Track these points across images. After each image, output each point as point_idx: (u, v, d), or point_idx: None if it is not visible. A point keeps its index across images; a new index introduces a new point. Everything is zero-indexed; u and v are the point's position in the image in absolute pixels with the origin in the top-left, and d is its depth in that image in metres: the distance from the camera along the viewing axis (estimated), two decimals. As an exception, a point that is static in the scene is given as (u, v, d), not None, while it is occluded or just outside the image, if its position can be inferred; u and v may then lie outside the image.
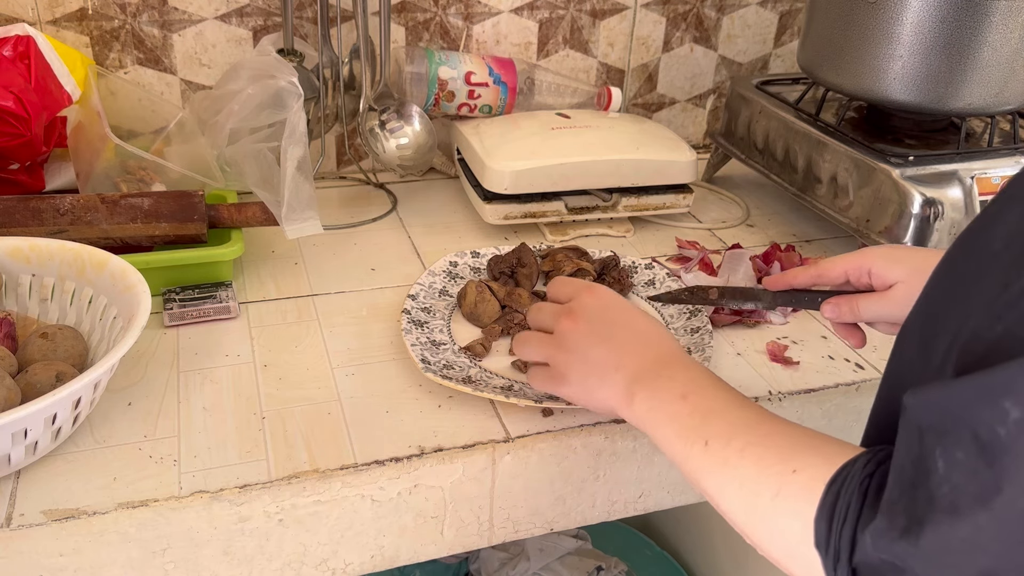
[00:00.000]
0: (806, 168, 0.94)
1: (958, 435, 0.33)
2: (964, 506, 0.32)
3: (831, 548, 0.39)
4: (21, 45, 0.81)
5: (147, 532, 0.56)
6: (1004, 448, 0.31)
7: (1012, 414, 0.31)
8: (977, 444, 0.32)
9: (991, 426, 0.31)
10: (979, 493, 0.32)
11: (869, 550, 0.37)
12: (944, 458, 0.33)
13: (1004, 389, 0.31)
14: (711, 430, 0.49)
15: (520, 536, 0.68)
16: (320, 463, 0.60)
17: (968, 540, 0.32)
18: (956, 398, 0.33)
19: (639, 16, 1.12)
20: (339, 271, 0.85)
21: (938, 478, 0.33)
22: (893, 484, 0.36)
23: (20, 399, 0.56)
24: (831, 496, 0.40)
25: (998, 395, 0.31)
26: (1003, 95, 0.84)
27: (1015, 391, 0.31)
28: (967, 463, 0.32)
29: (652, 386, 0.54)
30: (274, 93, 0.82)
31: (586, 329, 0.58)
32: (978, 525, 0.32)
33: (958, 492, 0.33)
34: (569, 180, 0.92)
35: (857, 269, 0.64)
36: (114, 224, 0.76)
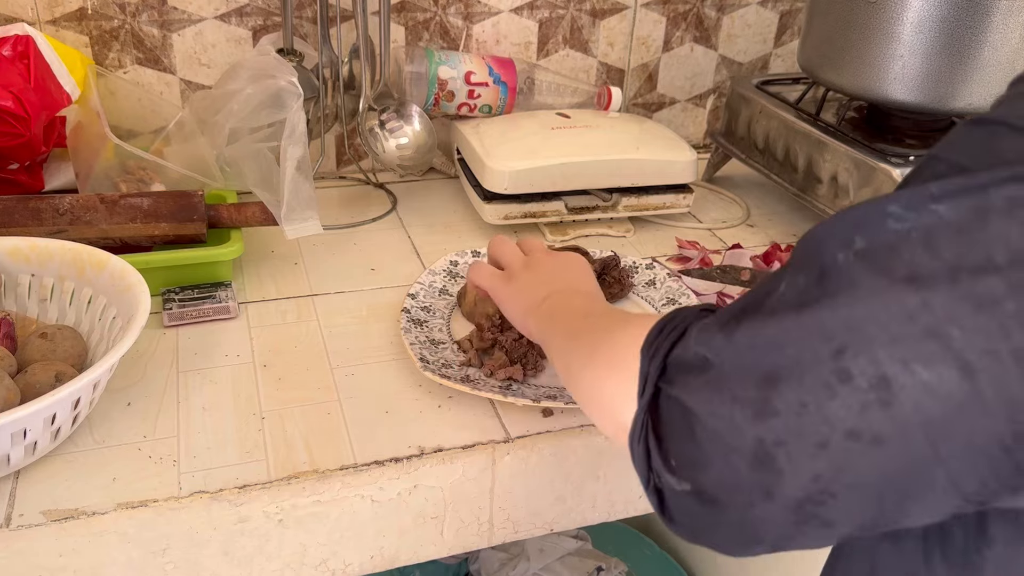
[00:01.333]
0: (806, 168, 0.94)
1: (809, 263, 0.35)
2: (780, 311, 0.35)
3: (653, 346, 0.42)
4: (20, 45, 0.81)
5: (147, 532, 0.56)
6: (837, 271, 0.33)
7: (857, 245, 0.33)
8: (820, 271, 0.34)
9: (835, 253, 0.33)
10: (797, 303, 0.34)
11: (691, 344, 0.39)
12: (788, 280, 0.36)
13: (859, 222, 0.33)
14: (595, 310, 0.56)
15: (520, 536, 0.68)
16: (320, 463, 0.60)
17: (771, 339, 0.35)
18: (823, 230, 0.35)
19: (639, 16, 1.12)
20: (339, 271, 0.85)
21: (776, 296, 0.36)
22: (738, 300, 0.40)
23: (19, 399, 0.56)
24: (670, 315, 0.44)
25: (853, 227, 0.33)
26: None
27: (868, 225, 0.33)
28: (803, 285, 0.35)
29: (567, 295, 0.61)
30: (274, 93, 0.82)
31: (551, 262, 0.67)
32: (784, 328, 0.35)
33: (782, 301, 0.35)
34: (569, 180, 0.92)
35: None
36: (114, 224, 0.76)
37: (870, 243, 0.33)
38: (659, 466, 0.40)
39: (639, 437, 0.41)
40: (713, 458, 0.37)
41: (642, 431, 0.41)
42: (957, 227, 0.31)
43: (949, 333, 0.30)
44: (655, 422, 0.41)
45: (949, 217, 0.31)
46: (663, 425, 0.40)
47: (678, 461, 0.39)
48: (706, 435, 0.37)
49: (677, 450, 0.39)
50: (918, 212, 0.32)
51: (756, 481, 0.35)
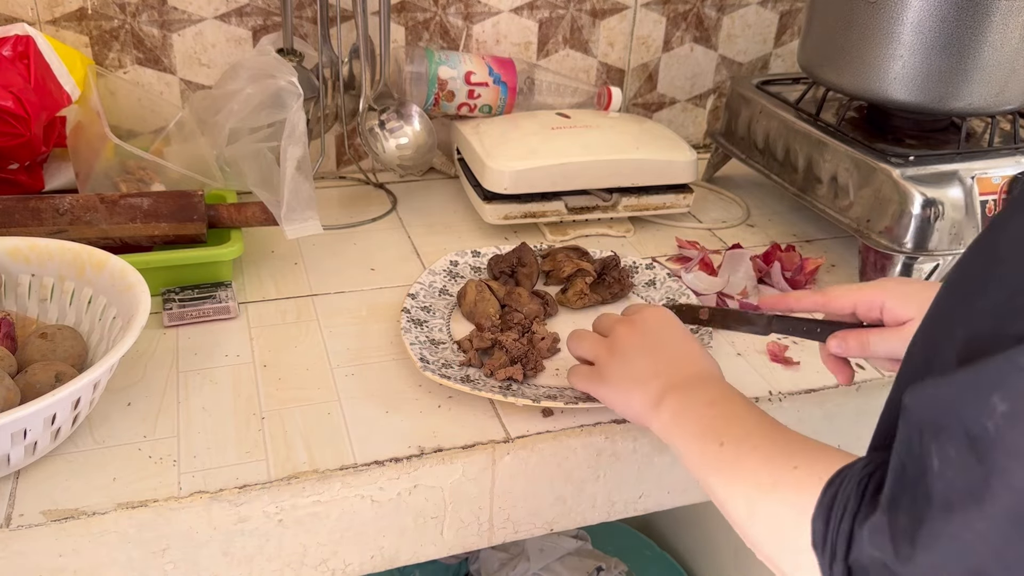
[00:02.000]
0: (806, 168, 0.94)
1: (951, 431, 0.33)
2: (956, 502, 0.32)
3: (828, 545, 0.39)
4: (21, 45, 0.81)
5: (147, 532, 0.56)
6: (992, 443, 0.31)
7: (999, 408, 0.31)
8: (968, 439, 0.32)
9: (979, 421, 0.31)
10: (969, 489, 0.32)
11: (865, 547, 0.37)
12: (939, 455, 0.33)
13: (991, 384, 0.31)
14: (729, 433, 0.51)
15: (520, 536, 0.68)
16: (319, 463, 0.60)
17: (959, 538, 0.32)
18: (948, 394, 0.33)
19: (639, 16, 1.11)
20: (339, 271, 0.85)
21: (934, 475, 0.33)
22: (892, 481, 0.36)
23: (20, 399, 0.56)
24: (829, 495, 0.40)
25: (986, 390, 0.31)
26: (1003, 95, 0.84)
27: (1002, 385, 0.31)
28: (959, 459, 0.32)
29: (684, 394, 0.56)
30: (274, 93, 0.82)
31: (639, 339, 0.61)
32: (968, 522, 0.32)
33: (951, 488, 0.33)
34: (569, 180, 0.92)
35: (868, 303, 0.62)
36: (114, 224, 0.76)
37: (1013, 404, 0.31)
38: None
39: None
40: None
41: None
42: None
43: None
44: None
45: None
46: None
47: None
48: None
49: None
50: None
51: None
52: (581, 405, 0.64)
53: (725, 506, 0.49)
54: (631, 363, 0.60)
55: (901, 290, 0.61)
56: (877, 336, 0.61)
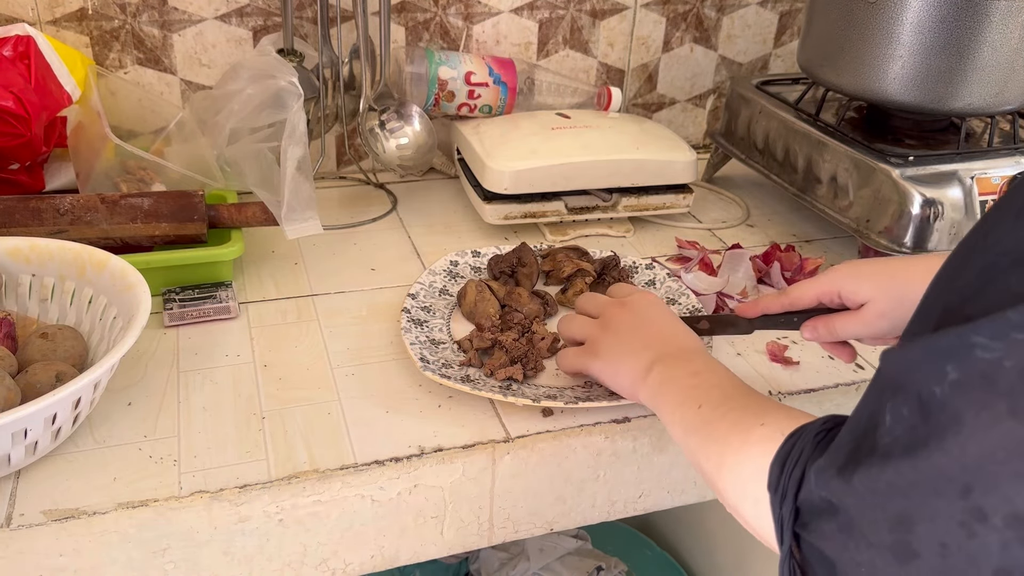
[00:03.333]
0: (806, 168, 0.94)
1: (907, 392, 0.35)
2: (895, 454, 0.35)
3: (780, 487, 0.42)
4: (21, 45, 0.81)
5: (147, 532, 0.56)
6: (939, 406, 0.33)
7: (950, 376, 0.33)
8: (919, 402, 0.34)
9: (931, 386, 0.33)
10: (909, 444, 0.34)
11: (812, 487, 0.40)
12: (892, 412, 0.35)
13: (947, 353, 0.33)
14: (708, 396, 0.55)
15: (520, 536, 0.68)
16: (320, 463, 0.60)
17: (892, 484, 0.35)
18: (911, 357, 0.35)
19: (639, 16, 1.12)
20: (339, 271, 0.85)
21: (884, 430, 0.36)
22: (845, 432, 0.39)
23: (20, 399, 0.56)
24: (788, 444, 0.44)
25: (942, 358, 0.33)
26: (1003, 95, 0.84)
27: (956, 356, 0.33)
28: (909, 419, 0.34)
29: (670, 364, 0.60)
30: (274, 93, 0.82)
31: (630, 318, 0.65)
32: (901, 472, 0.34)
33: (895, 442, 0.35)
34: (569, 180, 0.92)
35: (828, 293, 0.65)
36: (114, 224, 0.76)
37: (963, 373, 0.32)
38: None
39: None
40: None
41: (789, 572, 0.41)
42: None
43: None
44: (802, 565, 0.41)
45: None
46: (809, 565, 0.40)
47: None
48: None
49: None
50: (1005, 342, 0.32)
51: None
52: (581, 405, 0.64)
53: (699, 463, 0.53)
54: (622, 339, 0.64)
55: (852, 274, 0.65)
56: (842, 321, 0.65)
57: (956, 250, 0.41)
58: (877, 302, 0.63)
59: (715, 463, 0.50)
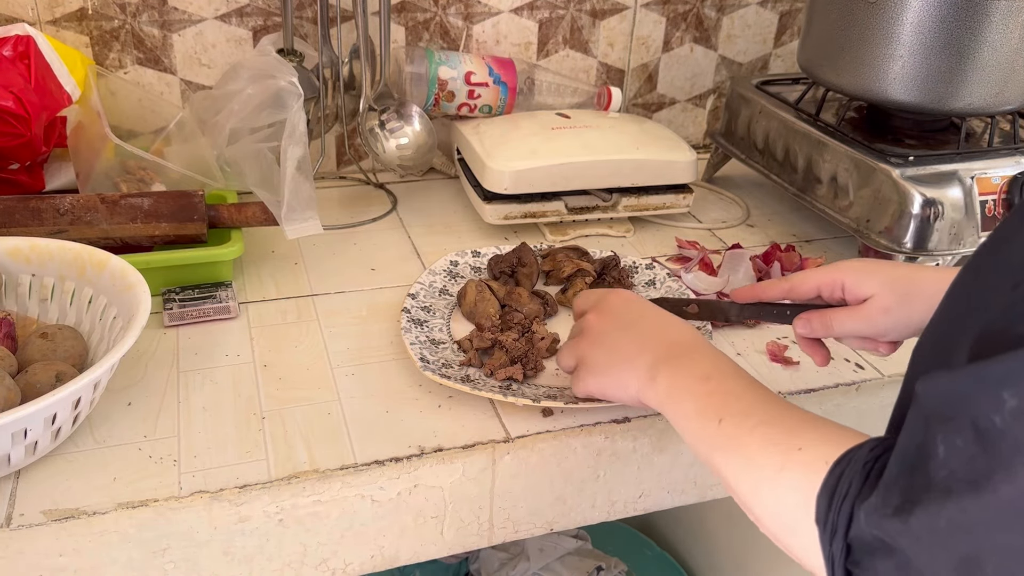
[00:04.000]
0: (806, 168, 0.94)
1: (959, 422, 0.33)
2: (956, 490, 0.33)
3: (829, 523, 0.40)
4: (21, 45, 0.81)
5: (147, 532, 0.56)
6: (999, 435, 0.32)
7: (1009, 403, 0.31)
8: (976, 431, 0.32)
9: (988, 415, 0.32)
10: (971, 478, 0.32)
11: (863, 526, 0.37)
12: (945, 444, 0.34)
13: (1002, 379, 0.32)
14: (727, 409, 0.51)
15: (520, 536, 0.68)
16: (320, 463, 0.60)
17: (954, 522, 0.33)
18: (959, 386, 0.34)
19: (639, 16, 1.12)
20: (339, 271, 0.85)
21: (937, 463, 0.34)
22: (893, 465, 0.37)
23: (20, 399, 0.56)
24: (834, 475, 0.41)
25: (997, 384, 0.32)
26: (1003, 95, 0.84)
27: (1012, 382, 0.31)
28: (965, 450, 0.33)
29: (675, 367, 0.56)
30: (274, 93, 0.82)
31: (611, 322, 0.61)
32: (964, 508, 0.32)
33: (953, 476, 0.33)
34: (569, 180, 0.92)
35: (830, 284, 0.63)
36: (114, 224, 0.76)
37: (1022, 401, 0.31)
38: None
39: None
40: None
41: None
42: None
43: None
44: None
45: None
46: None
47: None
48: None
49: None
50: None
51: None
52: (581, 405, 0.64)
53: (728, 483, 0.49)
54: (613, 346, 0.60)
55: (860, 269, 0.63)
56: (840, 315, 0.63)
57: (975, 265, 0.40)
58: (882, 297, 0.61)
59: (750, 487, 0.47)
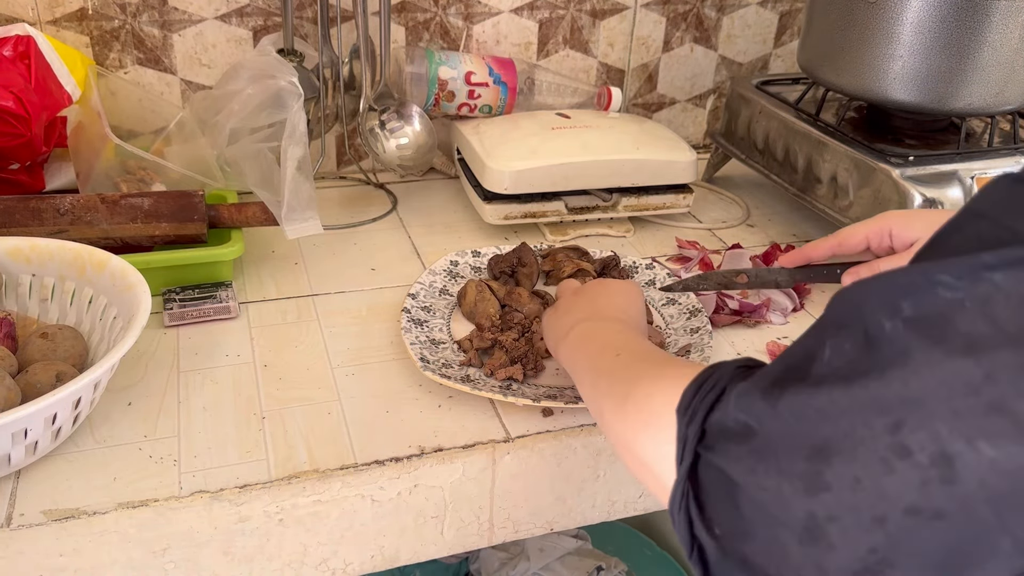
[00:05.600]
0: (806, 168, 0.94)
1: (853, 329, 0.34)
2: (828, 382, 0.33)
3: (691, 409, 0.40)
4: (21, 45, 0.81)
5: (147, 532, 0.56)
6: (885, 340, 0.32)
7: (905, 312, 0.32)
8: (865, 337, 0.33)
9: (881, 321, 0.32)
10: (846, 374, 0.33)
11: (730, 409, 0.38)
12: (832, 348, 0.34)
13: (906, 289, 0.32)
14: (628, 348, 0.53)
15: (520, 536, 0.68)
16: (320, 463, 0.60)
17: (819, 410, 0.33)
18: (862, 294, 0.34)
19: (639, 16, 1.12)
20: (339, 271, 0.85)
21: (820, 364, 0.34)
22: (777, 360, 0.38)
23: (20, 399, 0.56)
24: (706, 372, 0.42)
25: (899, 294, 0.32)
26: (1003, 95, 0.84)
27: (915, 292, 0.32)
28: (850, 352, 0.33)
29: (597, 324, 0.59)
30: (274, 93, 0.82)
31: (573, 295, 0.66)
32: (833, 399, 0.33)
33: (830, 371, 0.34)
34: (569, 180, 0.92)
35: (878, 233, 0.65)
36: (114, 224, 0.76)
37: (920, 311, 0.31)
38: (702, 534, 0.38)
39: (680, 505, 0.40)
40: (758, 530, 0.35)
41: (683, 499, 0.40)
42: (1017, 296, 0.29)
43: (1016, 407, 0.29)
44: (696, 489, 0.39)
45: (1009, 287, 0.30)
46: (704, 493, 0.39)
47: (722, 530, 0.37)
48: (751, 506, 0.36)
49: (720, 519, 0.38)
50: (972, 282, 0.30)
51: (807, 555, 0.34)
52: (581, 405, 0.64)
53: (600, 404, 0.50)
54: (559, 310, 0.65)
55: (906, 215, 0.65)
56: (890, 263, 0.64)
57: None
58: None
59: (620, 397, 0.47)
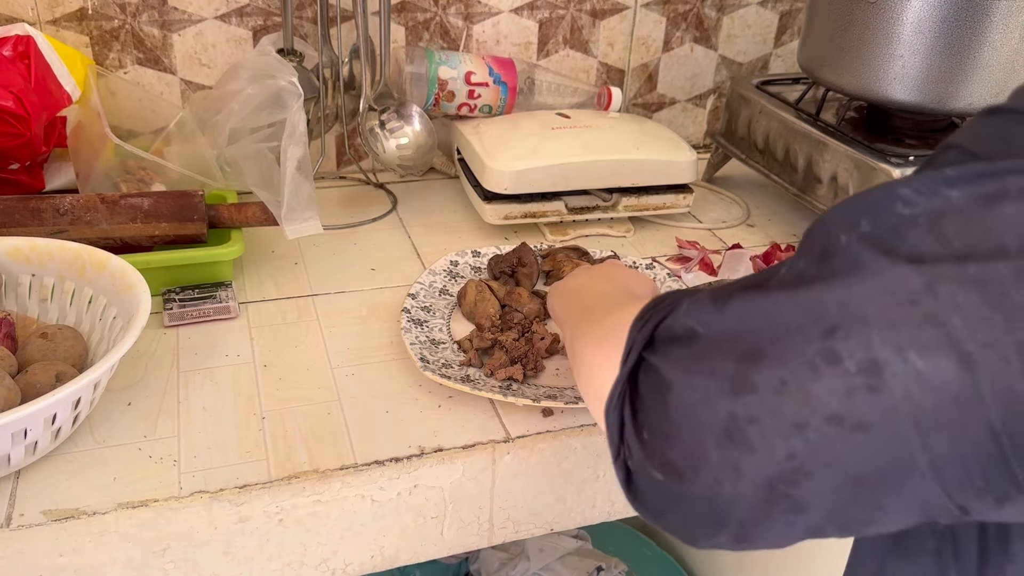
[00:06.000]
0: (806, 168, 0.94)
1: (812, 246, 0.34)
2: (774, 287, 0.34)
3: (643, 317, 0.40)
4: (21, 45, 0.81)
5: (147, 532, 0.56)
6: (840, 252, 0.32)
7: (862, 227, 0.32)
8: (822, 252, 0.33)
9: (839, 235, 0.33)
10: (793, 281, 0.33)
11: (680, 315, 0.38)
12: (790, 263, 0.35)
13: (867, 206, 0.32)
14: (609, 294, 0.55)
15: (520, 536, 0.68)
16: (320, 463, 0.60)
17: (760, 310, 0.34)
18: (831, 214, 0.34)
19: (639, 16, 1.12)
20: (339, 271, 0.85)
21: (777, 277, 0.35)
22: (733, 281, 0.38)
23: (20, 399, 0.56)
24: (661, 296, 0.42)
25: (860, 210, 0.33)
26: (1003, 95, 0.84)
27: (875, 209, 0.32)
28: (804, 267, 0.34)
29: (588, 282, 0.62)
30: (274, 93, 0.82)
31: (581, 271, 0.67)
32: (776, 301, 0.34)
33: (780, 280, 0.34)
34: (569, 180, 0.92)
35: None
36: (114, 224, 0.76)
37: (876, 226, 0.31)
38: (631, 437, 0.38)
39: (615, 406, 0.40)
40: (682, 431, 0.35)
41: (619, 400, 0.40)
42: (968, 213, 0.30)
43: (950, 321, 0.29)
44: (633, 392, 0.39)
45: (960, 203, 0.30)
46: (639, 397, 0.39)
47: (649, 434, 0.37)
48: (678, 407, 0.36)
49: (649, 422, 0.37)
50: (929, 197, 0.31)
51: (724, 457, 0.34)
52: (581, 405, 0.64)
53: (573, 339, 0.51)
54: (583, 273, 0.66)
55: None
56: None
57: None
58: None
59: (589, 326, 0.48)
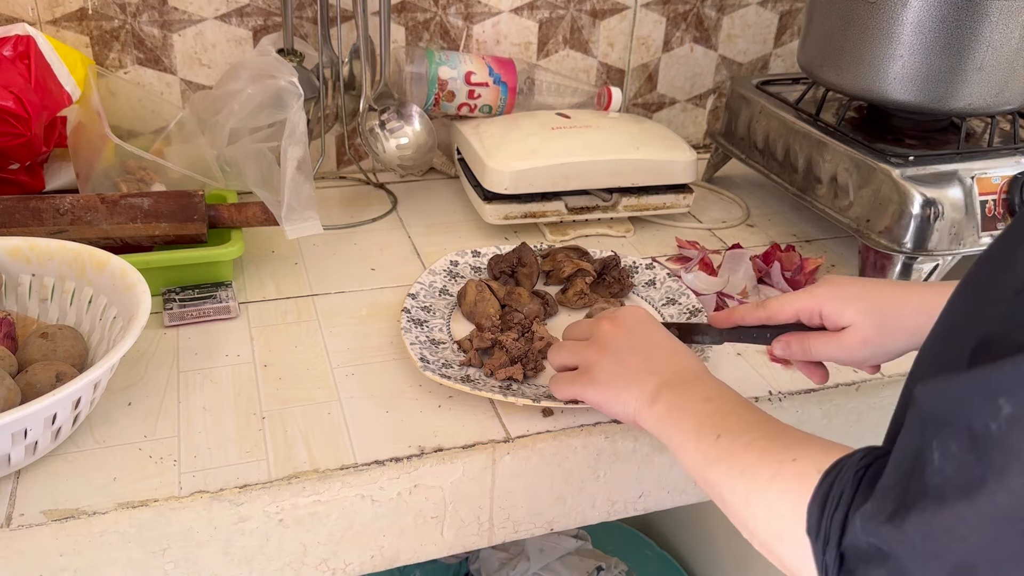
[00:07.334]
0: (806, 168, 0.94)
1: (955, 428, 0.33)
2: (950, 496, 0.33)
3: (822, 532, 0.40)
4: (21, 45, 0.81)
5: (147, 532, 0.56)
6: (994, 442, 0.32)
7: (1004, 410, 0.31)
8: (971, 438, 0.32)
9: (984, 421, 0.32)
10: (965, 485, 0.32)
11: (858, 533, 0.37)
12: (940, 449, 0.34)
13: (999, 385, 0.32)
14: (726, 426, 0.51)
15: (520, 536, 0.68)
16: (320, 463, 0.60)
17: (949, 530, 0.33)
18: (956, 391, 0.34)
19: (639, 16, 1.12)
20: (339, 271, 0.85)
21: (933, 469, 0.34)
22: (890, 472, 0.37)
23: (20, 399, 0.56)
24: (826, 484, 0.41)
25: (993, 391, 0.32)
26: (1003, 95, 0.84)
27: (1009, 388, 0.31)
28: (960, 456, 0.33)
29: (679, 389, 0.56)
30: (274, 93, 0.82)
31: (626, 336, 0.61)
32: (960, 516, 0.32)
33: (947, 483, 0.33)
34: (569, 180, 0.92)
35: (808, 311, 0.62)
36: (114, 224, 0.76)
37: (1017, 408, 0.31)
38: None
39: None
40: None
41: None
42: None
43: None
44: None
45: None
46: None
47: None
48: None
49: None
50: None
51: None
52: (581, 405, 0.64)
53: (723, 498, 0.49)
54: (623, 361, 0.60)
55: (836, 295, 0.61)
56: (819, 340, 0.62)
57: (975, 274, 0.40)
58: (861, 328, 0.60)
59: (742, 497, 0.47)
